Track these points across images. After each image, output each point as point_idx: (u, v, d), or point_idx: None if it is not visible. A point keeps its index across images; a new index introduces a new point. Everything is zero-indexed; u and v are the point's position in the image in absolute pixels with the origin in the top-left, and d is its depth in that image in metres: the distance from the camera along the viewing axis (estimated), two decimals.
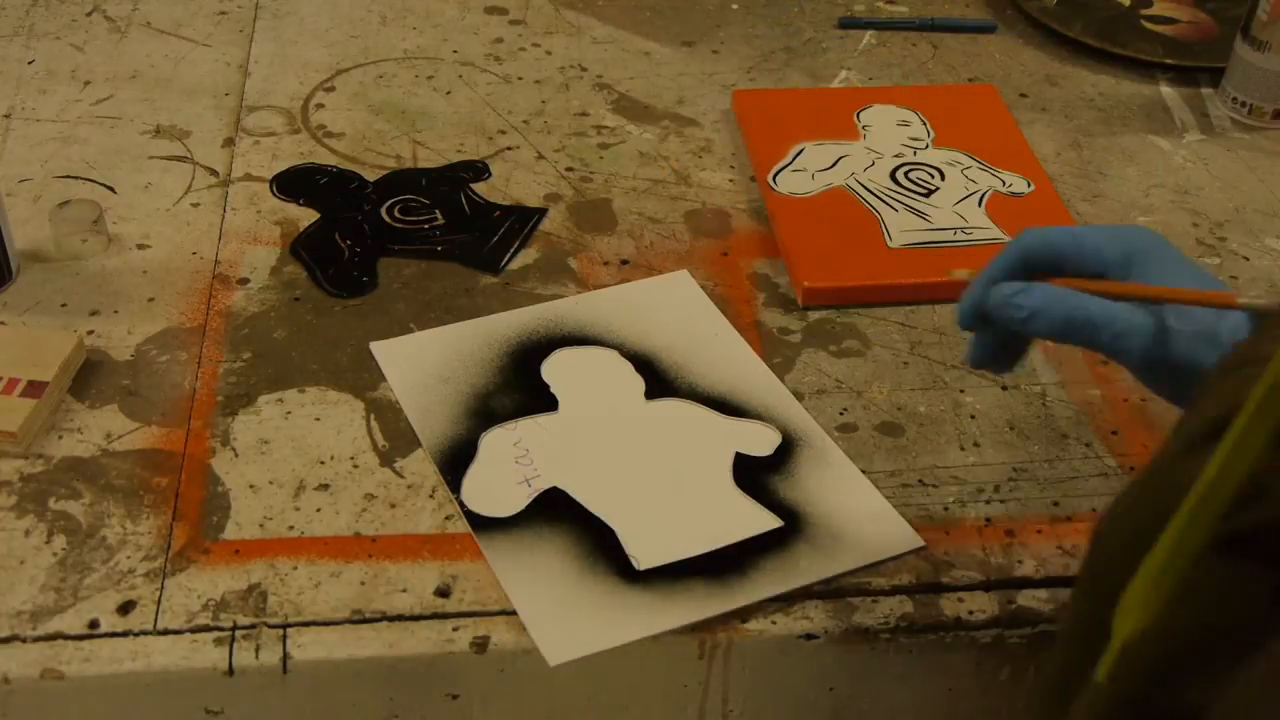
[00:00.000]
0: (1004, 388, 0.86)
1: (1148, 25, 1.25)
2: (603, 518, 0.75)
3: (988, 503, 0.78)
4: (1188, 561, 0.39)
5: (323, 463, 0.78)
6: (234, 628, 0.69)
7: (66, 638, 0.68)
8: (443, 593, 0.71)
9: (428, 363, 0.85)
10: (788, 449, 0.80)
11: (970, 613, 0.72)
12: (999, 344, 0.70)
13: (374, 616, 0.70)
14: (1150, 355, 0.62)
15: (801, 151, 1.04)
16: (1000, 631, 0.72)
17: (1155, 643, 0.41)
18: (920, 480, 0.79)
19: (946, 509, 0.78)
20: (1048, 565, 0.75)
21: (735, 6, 1.26)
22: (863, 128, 1.07)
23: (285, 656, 0.68)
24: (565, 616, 0.70)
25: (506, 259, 0.94)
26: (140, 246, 0.93)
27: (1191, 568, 0.39)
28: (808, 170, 1.02)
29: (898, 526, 0.76)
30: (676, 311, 0.90)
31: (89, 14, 1.18)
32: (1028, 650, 0.72)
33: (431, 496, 0.76)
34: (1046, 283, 0.66)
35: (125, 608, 0.69)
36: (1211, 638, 0.39)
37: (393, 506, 0.76)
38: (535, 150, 1.05)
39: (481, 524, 0.75)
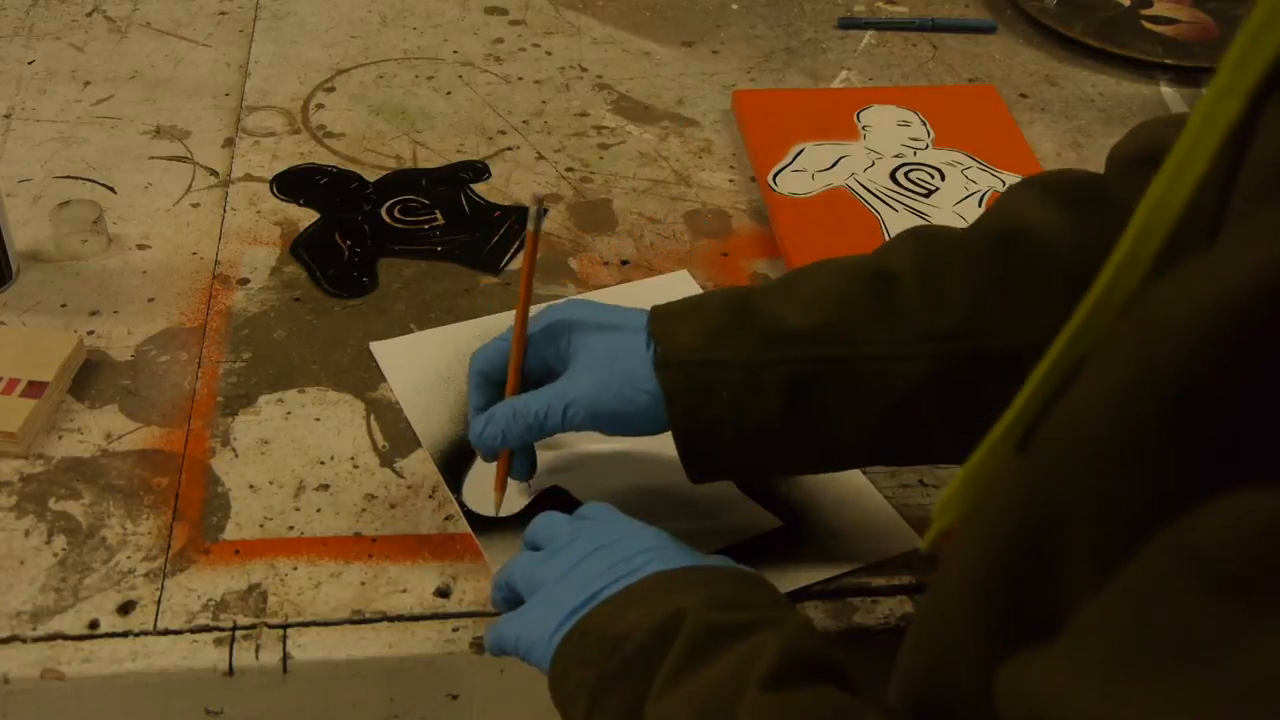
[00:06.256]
0: None
1: (1148, 25, 1.25)
2: None
3: None
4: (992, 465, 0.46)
5: (323, 463, 0.78)
6: (234, 628, 0.69)
7: (66, 638, 0.68)
8: (443, 593, 0.71)
9: (428, 363, 0.85)
10: None
11: None
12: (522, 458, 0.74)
13: (374, 617, 0.70)
14: (600, 409, 0.68)
15: (801, 152, 1.04)
16: None
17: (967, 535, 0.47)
18: (920, 480, 0.79)
19: None
20: None
21: (735, 6, 1.26)
22: (863, 128, 1.07)
23: (285, 657, 0.68)
24: None
25: (506, 259, 0.94)
26: (140, 247, 0.93)
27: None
28: (808, 170, 1.02)
29: (898, 526, 0.76)
30: None
31: (89, 14, 1.18)
32: None
33: (431, 496, 0.76)
34: (502, 401, 0.71)
35: (125, 608, 0.69)
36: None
37: (393, 507, 0.76)
38: (535, 150, 1.05)
39: (481, 524, 0.75)
